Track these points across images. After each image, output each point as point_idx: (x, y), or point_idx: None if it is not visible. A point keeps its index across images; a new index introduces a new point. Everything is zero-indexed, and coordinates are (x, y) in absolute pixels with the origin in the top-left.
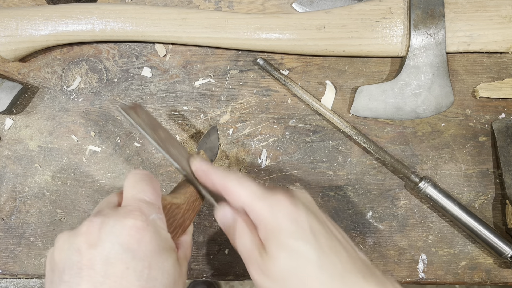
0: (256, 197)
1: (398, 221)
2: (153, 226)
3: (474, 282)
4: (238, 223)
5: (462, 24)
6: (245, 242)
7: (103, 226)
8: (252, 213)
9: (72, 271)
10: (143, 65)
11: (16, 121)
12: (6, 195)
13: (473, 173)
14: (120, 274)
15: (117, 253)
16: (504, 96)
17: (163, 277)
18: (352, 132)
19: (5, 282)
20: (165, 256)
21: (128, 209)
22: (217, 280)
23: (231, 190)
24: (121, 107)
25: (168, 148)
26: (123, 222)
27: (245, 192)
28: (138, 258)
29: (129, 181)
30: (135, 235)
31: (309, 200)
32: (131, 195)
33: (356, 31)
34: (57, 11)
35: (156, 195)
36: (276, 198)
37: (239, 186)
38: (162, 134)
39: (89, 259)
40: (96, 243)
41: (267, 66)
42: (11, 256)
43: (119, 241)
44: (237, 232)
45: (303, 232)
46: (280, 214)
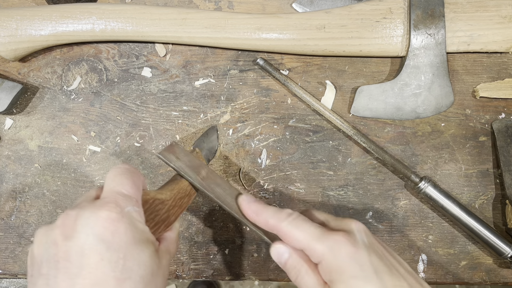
0: (314, 239)
1: (398, 221)
2: (128, 218)
3: (474, 282)
4: (299, 263)
5: (462, 24)
6: (308, 281)
7: (78, 218)
8: (312, 254)
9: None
10: (143, 65)
11: (16, 121)
12: (6, 195)
13: (473, 173)
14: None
15: (91, 244)
16: (504, 96)
17: (139, 268)
18: (352, 132)
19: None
20: (141, 248)
21: (104, 201)
22: (217, 280)
23: (286, 232)
24: (160, 153)
25: (212, 187)
26: (97, 214)
27: (302, 235)
28: (112, 249)
29: (109, 174)
30: (109, 226)
31: (366, 233)
32: (110, 188)
33: (356, 31)
34: (57, 11)
35: (135, 189)
36: (335, 238)
37: (295, 228)
38: (204, 172)
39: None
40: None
41: (267, 66)
42: (11, 256)
43: (93, 232)
44: (300, 272)
45: (366, 273)
46: (342, 256)
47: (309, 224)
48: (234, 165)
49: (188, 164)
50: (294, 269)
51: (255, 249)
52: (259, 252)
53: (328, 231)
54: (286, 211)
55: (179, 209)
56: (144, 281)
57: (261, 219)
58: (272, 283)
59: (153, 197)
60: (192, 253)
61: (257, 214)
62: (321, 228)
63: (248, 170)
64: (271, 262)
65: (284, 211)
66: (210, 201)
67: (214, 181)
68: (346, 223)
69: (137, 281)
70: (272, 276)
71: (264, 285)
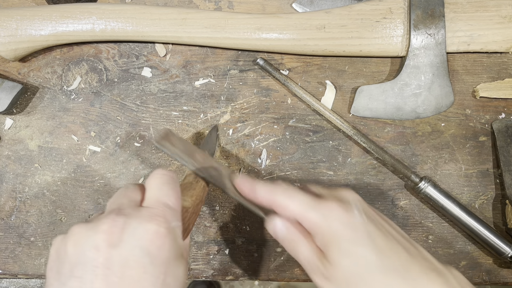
0: (307, 207)
1: (398, 221)
2: (173, 234)
3: (474, 282)
4: (293, 233)
5: (462, 24)
6: (304, 251)
7: (125, 227)
8: (306, 223)
9: (86, 267)
10: (143, 65)
11: (16, 121)
12: (6, 195)
13: (473, 173)
14: (137, 278)
15: (136, 256)
16: (504, 96)
17: (175, 284)
18: (352, 132)
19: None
20: (179, 263)
21: (153, 213)
22: (217, 280)
23: (280, 203)
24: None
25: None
26: (146, 227)
27: (295, 204)
28: (156, 264)
29: (155, 181)
30: (157, 241)
31: (358, 200)
32: (156, 197)
33: (356, 31)
34: (57, 11)
35: (178, 201)
36: (328, 206)
37: (288, 198)
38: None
39: (107, 258)
40: (117, 244)
41: (267, 66)
42: (11, 256)
43: (140, 244)
44: (294, 242)
45: (360, 237)
46: (335, 222)
47: (303, 193)
48: (234, 165)
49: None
50: (290, 240)
51: (255, 249)
52: (259, 252)
53: (322, 200)
54: (279, 183)
55: (195, 215)
56: None
57: (256, 195)
58: (272, 283)
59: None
60: (192, 253)
61: (251, 190)
62: (315, 197)
63: (248, 170)
64: (271, 262)
65: (278, 183)
66: (210, 201)
67: (210, 165)
68: (340, 192)
69: None
70: (272, 276)
71: (264, 285)
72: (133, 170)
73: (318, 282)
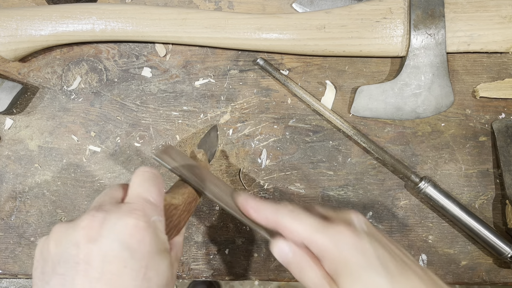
0: (315, 231)
1: (398, 221)
2: (154, 228)
3: (474, 282)
4: (301, 257)
5: (462, 24)
6: (313, 277)
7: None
8: (314, 247)
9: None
10: (143, 65)
11: (16, 121)
12: (6, 195)
13: (473, 173)
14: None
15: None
16: (504, 96)
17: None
18: (352, 132)
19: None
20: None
21: (132, 207)
22: (217, 280)
23: (286, 225)
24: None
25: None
26: (125, 221)
27: (302, 226)
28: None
29: (137, 178)
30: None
31: (366, 223)
32: (137, 193)
33: (356, 31)
34: (57, 11)
35: (160, 197)
36: (337, 229)
37: (295, 220)
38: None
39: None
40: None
41: (267, 66)
42: (11, 256)
43: (119, 239)
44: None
45: (372, 263)
46: (345, 247)
47: (309, 216)
48: (234, 165)
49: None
50: (297, 264)
51: (255, 249)
52: (259, 252)
53: (329, 223)
54: (285, 204)
55: (187, 213)
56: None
57: (260, 215)
58: (272, 283)
59: (169, 203)
60: (192, 253)
61: (255, 210)
62: (322, 219)
63: (248, 170)
64: (271, 262)
65: (283, 205)
66: (210, 201)
67: (211, 181)
68: (346, 214)
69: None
70: (272, 276)
71: (264, 285)
72: (133, 170)
73: None
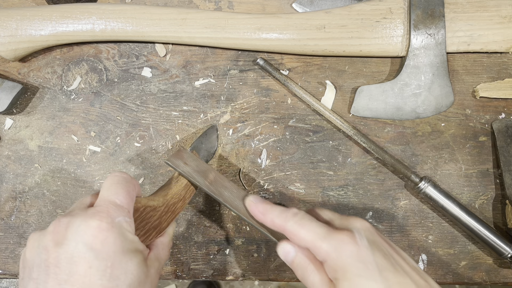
0: (319, 238)
1: (398, 221)
2: (118, 228)
3: (474, 282)
4: (305, 261)
5: (462, 24)
6: (314, 280)
7: (69, 225)
8: (317, 253)
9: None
10: (143, 65)
11: (16, 121)
12: (6, 195)
13: (473, 173)
14: (83, 273)
15: (80, 252)
16: (504, 96)
17: (126, 277)
18: (352, 132)
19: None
20: (129, 257)
21: (96, 210)
22: (217, 280)
23: (292, 230)
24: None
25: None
26: (88, 222)
27: (307, 234)
28: (100, 258)
29: (105, 183)
30: (99, 235)
31: (370, 231)
32: (103, 197)
33: (356, 31)
34: (57, 11)
35: (128, 199)
36: (339, 238)
37: (300, 226)
38: (212, 176)
39: (55, 257)
40: (62, 242)
41: (267, 66)
42: (11, 256)
43: (83, 240)
44: (304, 269)
45: (371, 271)
46: (346, 254)
47: (315, 223)
48: (234, 165)
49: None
50: (301, 267)
51: (255, 249)
52: (259, 252)
53: (333, 230)
54: (292, 210)
55: (172, 214)
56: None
57: (267, 219)
58: (272, 283)
59: (144, 205)
60: (192, 253)
61: (263, 214)
62: (326, 227)
63: (248, 170)
64: (271, 262)
65: (290, 210)
66: (210, 201)
67: (222, 184)
68: (351, 221)
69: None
70: (272, 276)
71: (264, 285)
72: (133, 170)
73: None
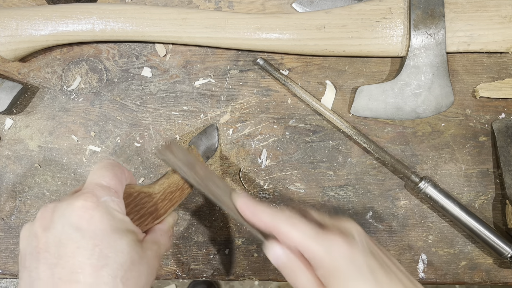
0: (310, 238)
1: (398, 221)
2: (104, 207)
3: (474, 282)
4: (294, 262)
5: (462, 24)
6: (305, 282)
7: (55, 209)
8: (308, 254)
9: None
10: (143, 65)
11: (16, 121)
12: (6, 195)
13: (473, 173)
14: (72, 254)
15: (67, 233)
16: (504, 96)
17: (117, 256)
18: (352, 132)
19: (5, 282)
20: (118, 236)
21: (81, 192)
22: (217, 280)
23: (282, 231)
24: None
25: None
26: (73, 204)
27: (297, 233)
28: (87, 237)
29: (93, 169)
30: (84, 215)
31: (360, 233)
32: (89, 181)
33: (356, 31)
34: (57, 11)
35: (115, 180)
36: (330, 238)
37: (291, 227)
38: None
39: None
40: (49, 226)
41: (267, 66)
42: (11, 256)
43: (69, 221)
44: (293, 271)
45: (362, 273)
46: (337, 255)
47: (305, 223)
48: (234, 165)
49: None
50: (289, 269)
51: (255, 249)
52: (259, 252)
53: (324, 231)
54: (282, 210)
55: (169, 202)
56: (123, 269)
57: (257, 218)
58: (272, 283)
59: (138, 191)
60: (192, 253)
61: (253, 213)
62: (317, 228)
63: (248, 170)
64: (271, 262)
65: (280, 210)
66: (210, 201)
67: (211, 179)
68: (342, 223)
69: (115, 268)
70: (272, 276)
71: (264, 285)
72: (133, 170)
73: None
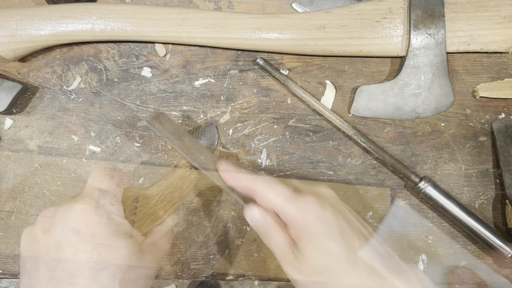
0: (285, 200)
1: (398, 221)
2: (103, 210)
3: (474, 282)
4: (270, 223)
5: (462, 24)
6: (278, 241)
7: (55, 213)
8: (283, 214)
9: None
10: (143, 65)
11: (16, 121)
12: (6, 195)
13: (473, 173)
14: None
15: (66, 236)
16: (504, 96)
17: (115, 258)
18: (352, 132)
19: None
20: (117, 239)
21: (80, 196)
22: (217, 280)
23: (260, 192)
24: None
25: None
26: (72, 207)
27: (274, 195)
28: (86, 240)
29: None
30: (83, 218)
31: (334, 197)
32: (88, 185)
33: (356, 31)
34: (57, 11)
35: (113, 184)
36: (305, 200)
37: (269, 189)
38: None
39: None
40: (49, 229)
41: (267, 66)
42: (11, 256)
43: (68, 225)
44: (269, 231)
45: (332, 232)
46: (310, 216)
47: (282, 186)
48: (234, 165)
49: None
50: (264, 228)
51: (255, 249)
52: (259, 252)
53: (299, 194)
54: (261, 174)
55: (168, 203)
56: (121, 271)
57: (238, 182)
58: (272, 283)
59: (136, 193)
60: (192, 253)
61: (234, 178)
62: (293, 191)
63: (248, 170)
64: (271, 262)
65: (259, 174)
66: (210, 201)
67: (198, 149)
68: (318, 188)
69: (114, 271)
70: (272, 276)
71: (264, 285)
72: (133, 170)
73: (289, 272)
